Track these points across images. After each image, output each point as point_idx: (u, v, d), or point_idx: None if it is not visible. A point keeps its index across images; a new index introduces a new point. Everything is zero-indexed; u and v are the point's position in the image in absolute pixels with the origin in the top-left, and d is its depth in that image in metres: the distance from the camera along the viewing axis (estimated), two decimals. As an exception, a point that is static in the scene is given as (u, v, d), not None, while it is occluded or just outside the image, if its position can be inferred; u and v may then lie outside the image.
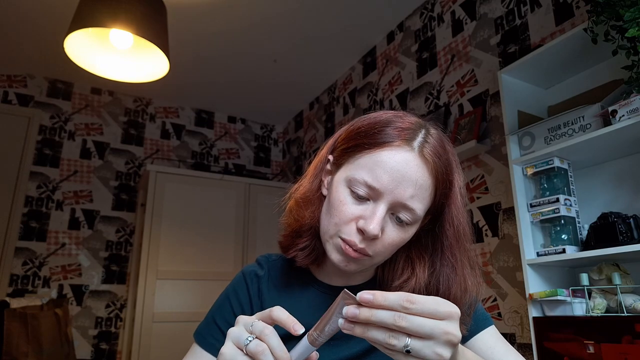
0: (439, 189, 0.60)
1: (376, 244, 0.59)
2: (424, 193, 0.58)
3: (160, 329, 2.83)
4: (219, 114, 3.97)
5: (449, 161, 0.61)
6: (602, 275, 1.35)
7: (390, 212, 0.59)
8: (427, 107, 2.44)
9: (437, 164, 0.59)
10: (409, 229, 0.61)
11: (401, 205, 0.58)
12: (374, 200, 0.58)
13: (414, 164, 0.58)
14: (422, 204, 0.59)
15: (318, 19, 2.67)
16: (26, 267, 2.98)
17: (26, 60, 3.13)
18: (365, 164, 0.59)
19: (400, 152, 0.58)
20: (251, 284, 0.72)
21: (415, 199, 0.58)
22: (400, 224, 0.59)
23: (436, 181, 0.59)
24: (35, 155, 3.18)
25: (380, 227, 0.57)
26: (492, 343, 0.66)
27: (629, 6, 1.23)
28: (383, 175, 0.57)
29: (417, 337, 0.42)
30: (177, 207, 3.09)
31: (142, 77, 1.97)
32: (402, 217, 0.59)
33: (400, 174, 0.57)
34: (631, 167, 1.47)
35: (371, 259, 0.60)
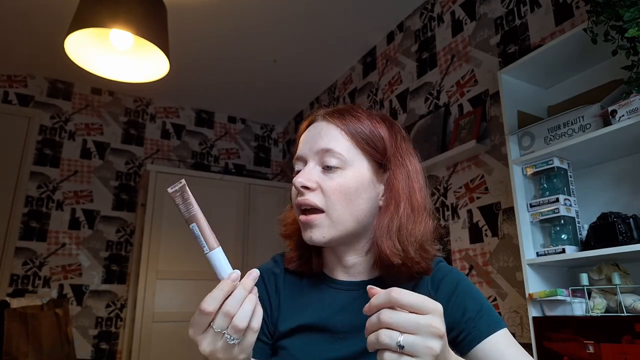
0: (352, 130, 0.68)
1: (319, 195, 0.66)
2: (333, 134, 0.68)
3: (161, 329, 2.83)
4: (219, 114, 3.98)
5: (358, 116, 0.70)
6: (602, 275, 1.35)
7: (321, 166, 0.67)
8: (427, 107, 2.44)
9: (337, 118, 0.69)
10: (342, 174, 0.66)
11: (321, 152, 0.67)
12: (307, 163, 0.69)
13: (318, 125, 0.70)
14: (337, 142, 0.67)
15: (318, 19, 2.68)
16: (26, 267, 2.98)
17: (26, 60, 3.13)
18: (297, 147, 0.73)
19: (310, 125, 0.72)
20: (269, 282, 0.75)
21: (327, 142, 0.67)
22: (331, 171, 0.66)
23: (341, 125, 0.68)
24: (35, 155, 3.18)
25: (307, 177, 0.66)
26: (502, 347, 0.64)
27: (629, 6, 1.23)
28: (302, 145, 0.71)
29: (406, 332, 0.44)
30: (177, 207, 3.09)
31: (142, 77, 1.97)
32: (329, 163, 0.66)
33: (311, 134, 0.70)
34: (631, 167, 1.47)
35: (325, 214, 0.65)
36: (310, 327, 0.68)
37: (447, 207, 2.18)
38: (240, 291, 0.50)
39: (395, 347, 0.43)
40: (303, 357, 0.66)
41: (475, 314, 0.67)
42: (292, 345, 0.68)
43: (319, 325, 0.68)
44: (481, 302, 0.69)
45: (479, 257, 1.97)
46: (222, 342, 0.49)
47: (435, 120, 2.31)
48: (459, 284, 0.71)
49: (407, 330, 0.44)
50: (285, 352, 0.68)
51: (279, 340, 0.70)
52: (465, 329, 0.65)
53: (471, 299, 0.69)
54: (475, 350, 0.64)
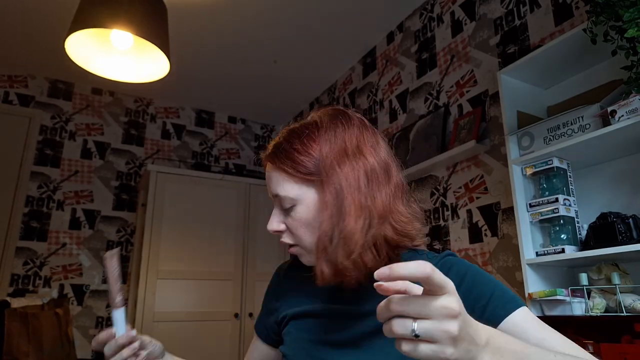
0: (288, 171, 0.69)
1: (289, 234, 0.71)
2: (276, 180, 0.70)
3: (161, 329, 2.83)
4: (219, 114, 3.98)
5: (294, 145, 0.71)
6: (602, 275, 1.35)
7: (279, 207, 0.71)
8: (426, 108, 2.44)
9: (275, 160, 0.71)
10: (296, 210, 0.69)
11: (275, 197, 0.71)
12: None
13: (267, 166, 0.73)
14: (281, 186, 0.70)
15: (318, 19, 2.68)
16: (27, 267, 2.99)
17: (27, 60, 3.14)
18: None
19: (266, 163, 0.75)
20: (276, 276, 0.86)
21: (275, 187, 0.71)
22: (288, 210, 0.70)
23: (282, 166, 0.70)
24: (36, 156, 3.19)
25: (273, 222, 0.72)
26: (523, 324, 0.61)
27: (629, 6, 1.23)
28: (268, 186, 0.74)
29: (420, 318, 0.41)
30: (178, 207, 3.09)
31: (142, 77, 1.97)
32: (285, 205, 0.70)
33: (266, 177, 0.74)
34: (630, 167, 1.47)
35: (298, 246, 0.71)
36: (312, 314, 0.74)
37: (447, 207, 2.19)
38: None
39: (411, 335, 0.41)
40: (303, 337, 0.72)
41: (488, 299, 0.65)
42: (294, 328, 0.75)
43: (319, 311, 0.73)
44: (493, 285, 0.67)
45: (479, 257, 1.97)
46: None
47: (435, 121, 2.31)
48: (467, 273, 0.69)
49: (420, 315, 0.41)
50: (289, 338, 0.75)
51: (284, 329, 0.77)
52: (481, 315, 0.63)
53: (482, 285, 0.67)
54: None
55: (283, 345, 0.76)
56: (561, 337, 0.61)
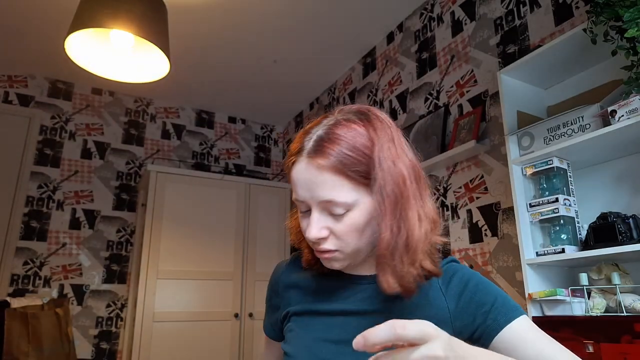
0: (348, 171, 0.63)
1: (332, 240, 0.66)
2: (331, 184, 0.63)
3: (161, 329, 2.83)
4: (219, 114, 3.98)
5: (348, 144, 0.64)
6: (602, 275, 1.35)
7: (326, 211, 0.65)
8: (426, 108, 2.44)
9: (327, 161, 0.63)
10: (350, 216, 0.64)
11: (324, 202, 0.64)
12: (310, 210, 0.67)
13: (308, 168, 0.64)
14: (339, 192, 0.63)
15: (318, 19, 2.68)
16: (27, 267, 2.99)
17: (27, 60, 3.14)
18: (292, 185, 0.69)
19: (298, 164, 0.66)
20: (276, 275, 0.83)
21: (329, 192, 0.63)
22: (339, 216, 0.64)
23: (337, 172, 0.63)
24: (36, 155, 3.19)
25: (318, 229, 0.65)
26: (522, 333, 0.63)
27: (629, 6, 1.23)
28: (299, 189, 0.66)
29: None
30: (178, 207, 3.09)
31: (142, 77, 1.97)
32: (335, 212, 0.64)
33: (305, 181, 0.65)
34: (630, 167, 1.47)
35: (340, 252, 0.66)
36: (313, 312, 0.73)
37: (447, 207, 2.19)
38: None
39: None
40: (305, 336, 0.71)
41: (490, 306, 0.66)
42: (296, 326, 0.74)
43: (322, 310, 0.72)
44: (495, 293, 0.68)
45: (479, 257, 1.97)
46: None
47: (435, 121, 2.31)
48: (469, 281, 0.69)
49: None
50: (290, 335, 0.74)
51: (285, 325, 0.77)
52: (483, 322, 0.65)
53: (484, 293, 0.68)
54: (496, 340, 0.63)
55: (284, 342, 0.75)
56: (560, 347, 0.62)
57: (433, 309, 0.68)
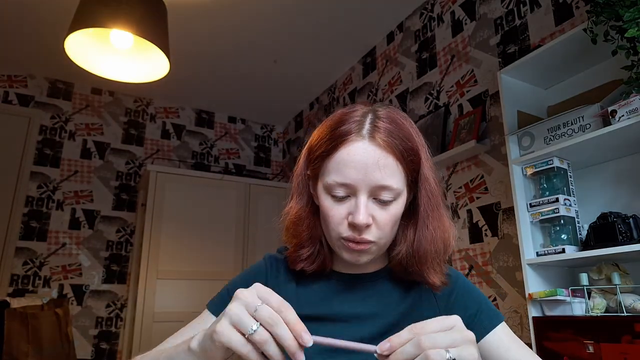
0: (405, 159, 0.64)
1: (372, 230, 0.64)
2: (391, 169, 0.62)
3: (161, 329, 2.83)
4: (219, 114, 3.98)
5: (405, 133, 0.65)
6: (602, 275, 1.35)
7: (372, 197, 0.63)
8: (427, 107, 2.44)
9: (390, 141, 0.63)
10: (395, 205, 0.64)
11: (377, 187, 0.62)
12: (354, 195, 0.63)
13: (370, 149, 0.62)
14: (394, 177, 0.63)
15: (318, 19, 2.68)
16: (27, 267, 2.99)
17: (27, 60, 3.14)
18: (332, 167, 0.64)
19: (354, 144, 0.63)
20: (271, 269, 0.75)
21: (386, 177, 0.62)
22: (385, 204, 0.64)
23: (398, 154, 0.63)
24: (35, 155, 3.19)
25: (367, 214, 0.62)
26: (506, 340, 0.67)
27: (629, 6, 1.23)
28: (349, 170, 0.62)
29: (450, 347, 0.45)
30: (178, 207, 3.09)
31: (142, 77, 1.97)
32: (384, 198, 0.63)
33: (362, 162, 0.62)
34: (630, 167, 1.47)
35: (375, 244, 0.65)
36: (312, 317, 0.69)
37: (447, 207, 2.18)
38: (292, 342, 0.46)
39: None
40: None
41: (476, 310, 0.69)
42: None
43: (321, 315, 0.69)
44: (479, 298, 0.72)
45: (479, 257, 1.97)
46: (247, 321, 0.46)
47: (435, 120, 2.31)
48: (457, 282, 0.73)
49: (451, 345, 0.45)
50: None
51: None
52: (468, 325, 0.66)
53: (470, 296, 0.71)
54: (480, 345, 0.66)
55: None
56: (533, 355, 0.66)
57: (425, 310, 0.70)
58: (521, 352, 0.66)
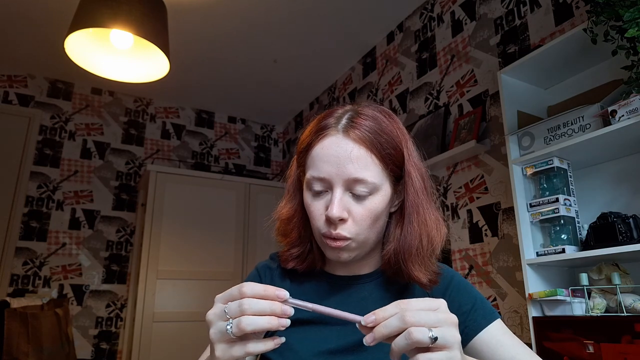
0: (381, 152, 0.64)
1: (349, 225, 0.64)
2: (365, 161, 0.63)
3: (161, 329, 2.83)
4: (219, 114, 3.98)
5: (383, 127, 0.66)
6: (602, 275, 1.35)
7: (348, 192, 0.64)
8: (427, 107, 2.44)
9: (364, 135, 0.63)
10: (372, 199, 0.64)
11: (351, 180, 0.62)
12: (330, 189, 0.64)
13: (343, 142, 0.63)
14: (368, 170, 0.63)
15: (318, 19, 2.68)
16: (26, 267, 2.98)
17: (27, 60, 3.14)
18: (310, 162, 0.66)
19: (328, 139, 0.64)
20: (264, 277, 0.76)
21: (359, 170, 0.62)
22: (361, 198, 0.64)
23: (371, 146, 0.63)
24: (35, 155, 3.19)
25: (340, 208, 0.62)
26: (500, 337, 0.66)
27: (629, 6, 1.23)
28: (323, 165, 0.63)
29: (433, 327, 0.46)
30: (178, 207, 3.09)
31: (142, 77, 1.97)
32: (359, 191, 0.63)
33: (335, 155, 0.63)
34: (631, 167, 1.47)
35: (353, 240, 0.65)
36: (308, 320, 0.69)
37: (447, 207, 2.18)
38: (269, 304, 0.49)
39: (429, 341, 0.45)
40: (302, 350, 0.66)
41: (470, 307, 0.68)
42: (289, 338, 0.68)
43: (317, 318, 0.69)
44: (474, 295, 0.71)
45: (479, 257, 1.97)
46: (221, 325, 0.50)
47: (435, 120, 2.31)
48: (452, 280, 0.73)
49: (434, 324, 0.46)
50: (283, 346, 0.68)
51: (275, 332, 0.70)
52: (462, 322, 0.67)
53: (465, 293, 0.71)
54: (474, 342, 0.66)
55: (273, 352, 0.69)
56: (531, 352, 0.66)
57: None
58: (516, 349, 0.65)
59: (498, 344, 0.65)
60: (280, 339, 0.51)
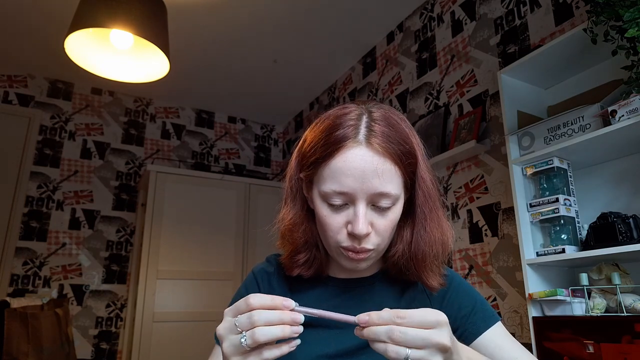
0: (403, 163, 0.62)
1: (372, 238, 0.62)
2: (390, 174, 0.60)
3: (161, 329, 2.83)
4: (219, 114, 3.98)
5: (401, 135, 0.63)
6: (602, 275, 1.35)
7: (371, 205, 0.61)
8: (427, 107, 2.44)
9: (388, 146, 0.61)
10: (394, 210, 0.63)
11: (376, 195, 0.60)
12: (352, 203, 0.61)
13: (368, 156, 0.60)
14: (393, 184, 0.61)
15: (318, 19, 2.68)
16: (26, 267, 2.98)
17: (27, 60, 3.14)
18: (328, 175, 0.61)
19: (351, 151, 0.60)
20: (262, 282, 0.75)
21: (385, 184, 0.60)
22: (384, 210, 0.62)
23: (396, 158, 0.61)
24: (35, 155, 3.19)
25: (367, 224, 0.60)
26: (499, 341, 0.66)
27: (629, 6, 1.23)
28: (346, 179, 0.59)
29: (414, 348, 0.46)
30: (178, 207, 3.09)
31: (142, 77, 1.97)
32: (382, 205, 0.61)
33: (360, 170, 0.59)
34: (631, 167, 1.47)
35: (374, 250, 0.64)
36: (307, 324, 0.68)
37: (447, 207, 2.18)
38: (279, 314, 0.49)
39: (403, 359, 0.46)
40: (300, 354, 0.65)
41: (470, 310, 0.68)
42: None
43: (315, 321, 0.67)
44: (475, 297, 0.71)
45: (479, 257, 1.97)
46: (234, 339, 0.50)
47: (435, 120, 2.31)
48: (452, 282, 0.72)
49: (419, 345, 0.46)
50: None
51: None
52: (461, 325, 0.67)
53: (465, 296, 0.71)
54: (473, 345, 0.66)
55: None
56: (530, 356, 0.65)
57: None
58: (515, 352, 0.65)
59: (497, 348, 0.65)
60: (296, 341, 0.51)
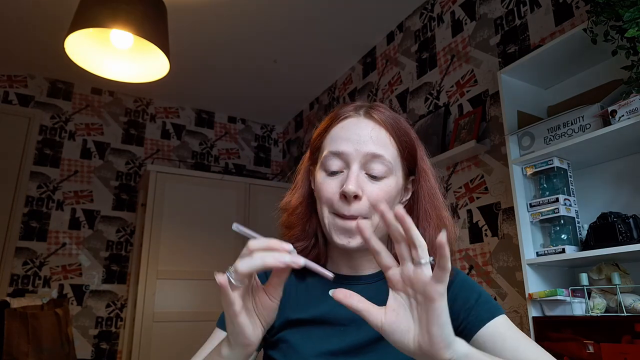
0: (399, 137, 0.68)
1: (362, 205, 0.64)
2: (383, 140, 0.67)
3: (161, 329, 2.83)
4: (219, 114, 3.98)
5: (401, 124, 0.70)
6: (602, 275, 1.35)
7: (364, 171, 0.65)
8: (427, 107, 2.44)
9: (384, 118, 0.68)
10: (386, 182, 0.66)
11: (369, 156, 0.65)
12: (347, 167, 0.66)
13: (364, 122, 0.67)
14: (386, 149, 0.66)
15: (318, 19, 2.68)
16: (26, 267, 2.98)
17: (27, 60, 3.14)
18: (327, 143, 0.69)
19: (348, 120, 0.69)
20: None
21: (378, 147, 0.65)
22: (377, 179, 0.66)
23: (391, 129, 0.68)
24: (35, 155, 3.19)
25: (357, 183, 0.63)
26: (503, 330, 0.65)
27: (629, 6, 1.23)
28: (342, 141, 0.66)
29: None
30: (178, 207, 3.09)
31: (142, 77, 1.97)
32: (375, 171, 0.65)
33: (355, 133, 0.66)
34: (630, 167, 1.47)
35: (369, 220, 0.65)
36: (311, 320, 0.68)
37: (447, 207, 2.18)
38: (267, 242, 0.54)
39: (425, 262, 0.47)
40: (304, 350, 0.66)
41: (474, 302, 0.68)
42: (292, 338, 0.68)
43: (319, 318, 0.68)
44: (479, 291, 0.71)
45: (479, 257, 1.97)
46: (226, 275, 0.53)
47: (435, 120, 2.31)
48: (456, 277, 0.72)
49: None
50: (285, 345, 0.68)
51: (279, 332, 0.70)
52: (465, 317, 0.66)
53: (469, 289, 0.70)
54: (477, 336, 0.65)
55: (276, 351, 0.70)
56: (535, 345, 0.64)
57: None
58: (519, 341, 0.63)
59: (500, 338, 0.63)
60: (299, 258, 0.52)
